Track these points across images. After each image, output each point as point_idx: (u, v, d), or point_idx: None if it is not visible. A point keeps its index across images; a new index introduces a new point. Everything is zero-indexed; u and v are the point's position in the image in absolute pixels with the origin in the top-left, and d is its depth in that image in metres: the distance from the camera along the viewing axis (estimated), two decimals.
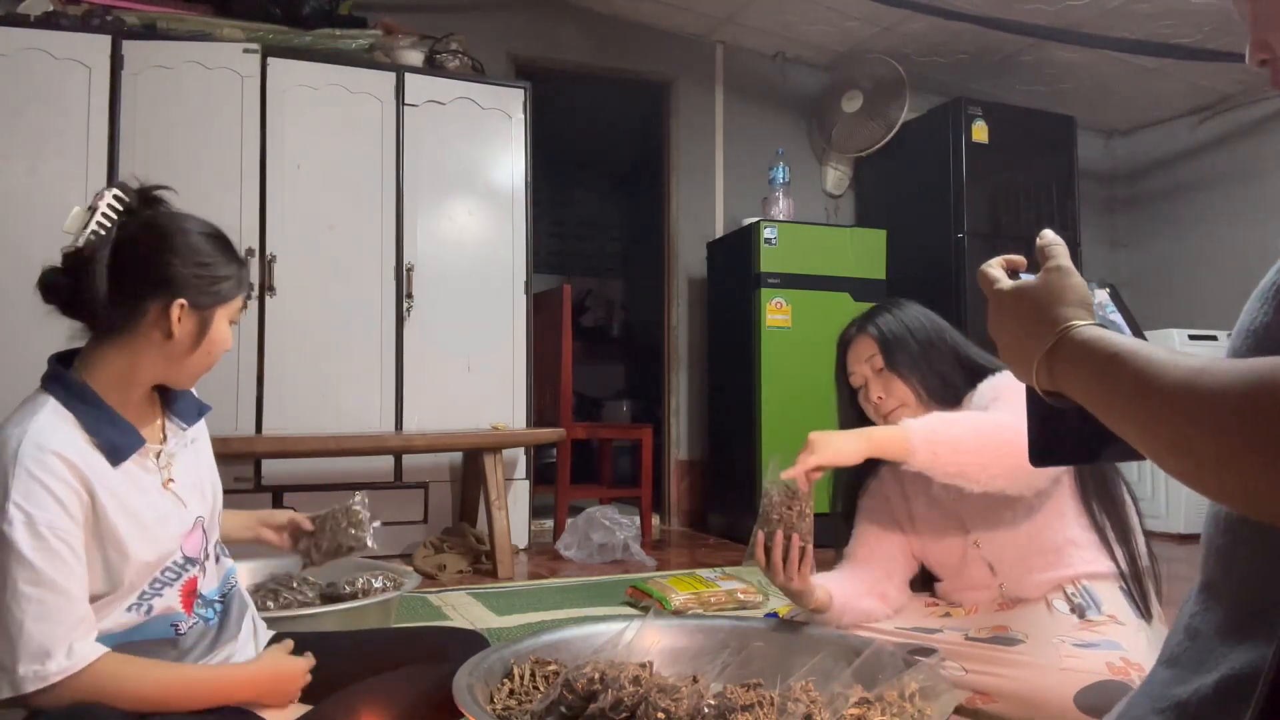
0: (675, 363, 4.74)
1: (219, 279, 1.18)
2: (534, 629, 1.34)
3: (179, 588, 1.16)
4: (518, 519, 3.74)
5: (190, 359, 1.18)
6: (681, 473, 4.71)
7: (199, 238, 1.19)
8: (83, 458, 1.08)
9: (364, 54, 3.71)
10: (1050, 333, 0.69)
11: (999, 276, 0.80)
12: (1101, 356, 0.63)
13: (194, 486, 1.23)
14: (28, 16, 3.28)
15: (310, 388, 3.40)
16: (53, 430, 1.07)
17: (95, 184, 3.23)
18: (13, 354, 3.08)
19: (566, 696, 1.02)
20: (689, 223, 4.75)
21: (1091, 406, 0.64)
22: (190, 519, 1.19)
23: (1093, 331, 0.67)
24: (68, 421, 1.10)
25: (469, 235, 3.77)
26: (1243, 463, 0.50)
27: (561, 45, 4.52)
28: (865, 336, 1.71)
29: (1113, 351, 0.62)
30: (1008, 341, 0.76)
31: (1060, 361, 0.67)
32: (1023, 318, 0.74)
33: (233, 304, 1.21)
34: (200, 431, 1.31)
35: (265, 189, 3.39)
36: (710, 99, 4.81)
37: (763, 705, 1.00)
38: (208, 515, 1.24)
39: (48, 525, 1.02)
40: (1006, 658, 1.45)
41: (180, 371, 1.19)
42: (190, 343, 1.16)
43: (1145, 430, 0.58)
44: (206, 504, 1.25)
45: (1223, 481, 0.52)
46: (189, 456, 1.25)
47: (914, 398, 1.65)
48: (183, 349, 1.16)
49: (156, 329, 1.14)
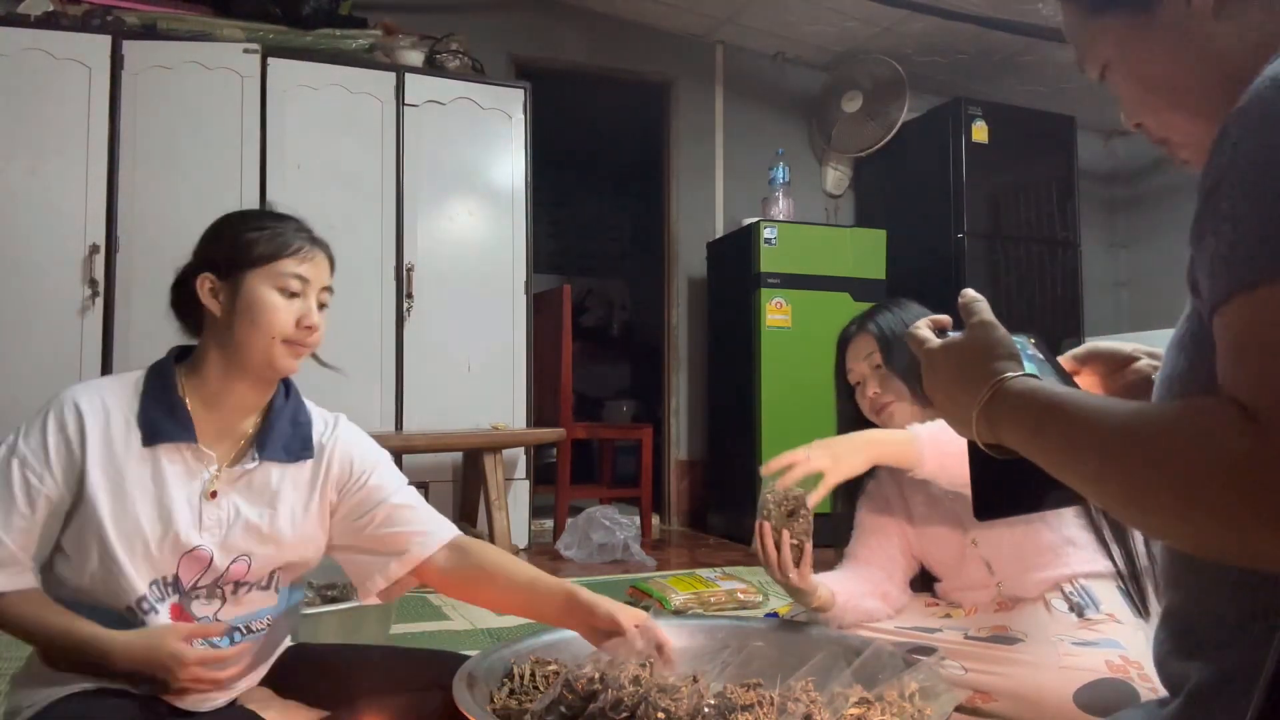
0: (675, 363, 4.74)
1: (243, 244, 1.13)
2: (534, 629, 1.34)
3: (167, 612, 1.11)
4: (518, 519, 3.74)
5: (237, 334, 1.13)
6: (681, 473, 4.71)
7: (235, 216, 1.18)
8: (106, 423, 1.09)
9: (364, 54, 3.71)
10: (984, 386, 0.71)
11: (928, 336, 0.82)
12: (1037, 406, 0.66)
13: (236, 521, 1.15)
14: (28, 16, 3.28)
15: (310, 388, 3.39)
16: (100, 391, 1.12)
17: (95, 184, 3.23)
18: (13, 353, 3.08)
19: (566, 696, 1.02)
20: (689, 223, 4.75)
21: (1031, 455, 0.66)
22: (195, 542, 1.12)
23: (1025, 382, 0.69)
24: (131, 391, 1.13)
25: (469, 235, 3.77)
26: (1162, 501, 0.53)
27: (561, 45, 4.52)
28: (865, 334, 1.72)
29: (1047, 401, 0.65)
30: (944, 398, 0.78)
31: (997, 414, 0.69)
32: (955, 374, 0.76)
33: (268, 268, 1.13)
34: (296, 475, 1.21)
35: (265, 189, 3.39)
36: (710, 99, 4.81)
37: (763, 705, 1.00)
38: (239, 558, 1.15)
39: (20, 458, 1.07)
40: (1006, 656, 1.45)
41: (238, 352, 1.14)
42: (229, 316, 1.14)
43: (1084, 477, 0.60)
44: (241, 548, 1.15)
45: (1152, 520, 0.56)
46: (258, 492, 1.17)
47: (909, 395, 1.66)
48: (225, 324, 1.14)
49: (205, 313, 1.16)
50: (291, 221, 1.20)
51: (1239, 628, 0.61)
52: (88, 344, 3.17)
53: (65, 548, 1.09)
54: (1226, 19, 0.68)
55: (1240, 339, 0.53)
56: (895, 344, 1.68)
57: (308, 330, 1.16)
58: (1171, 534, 0.57)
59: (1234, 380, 0.53)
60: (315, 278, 1.18)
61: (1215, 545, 0.52)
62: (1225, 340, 0.55)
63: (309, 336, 1.17)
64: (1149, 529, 0.58)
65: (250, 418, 1.21)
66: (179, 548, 1.11)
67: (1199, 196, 0.59)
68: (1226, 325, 0.54)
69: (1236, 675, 0.60)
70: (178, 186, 3.28)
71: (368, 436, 1.33)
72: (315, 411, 1.29)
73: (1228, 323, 0.54)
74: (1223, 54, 0.68)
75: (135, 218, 3.25)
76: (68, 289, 3.17)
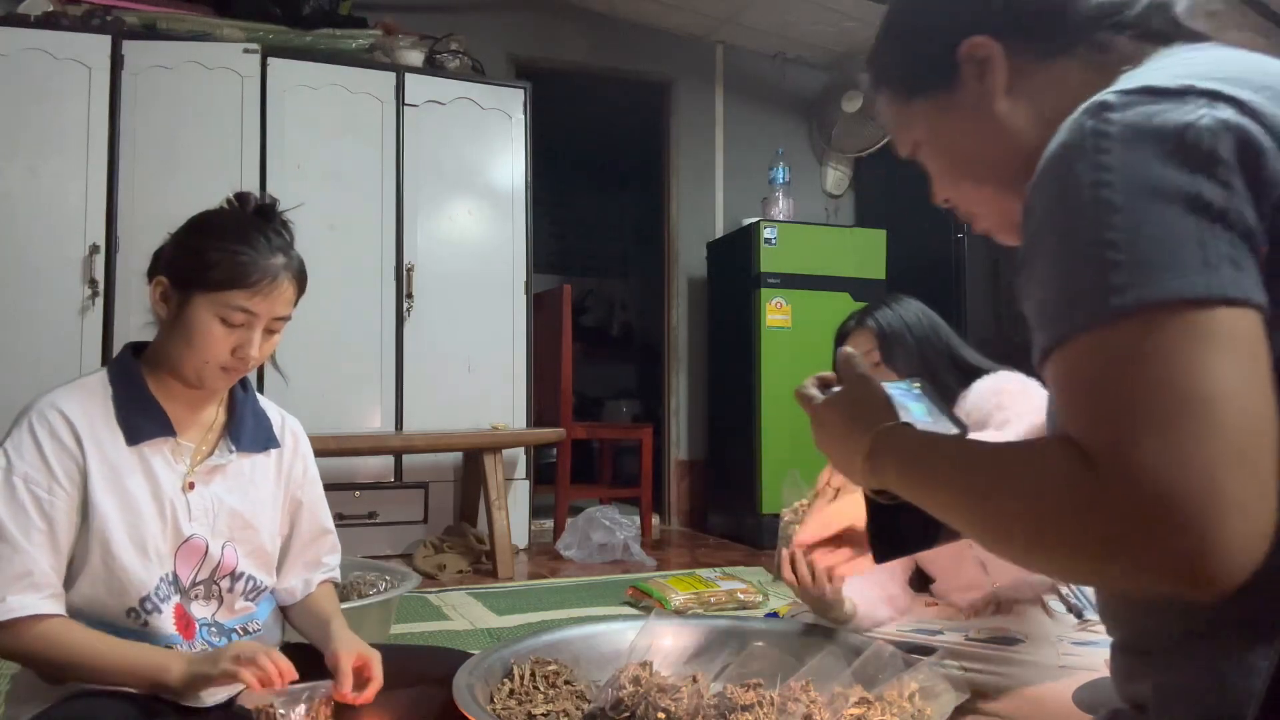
0: (675, 363, 4.74)
1: (202, 262, 1.09)
2: (534, 629, 1.34)
3: (171, 611, 1.12)
4: (518, 519, 3.74)
5: (173, 346, 1.12)
6: (681, 473, 4.71)
7: (210, 223, 1.15)
8: (91, 425, 1.09)
9: (364, 54, 3.71)
10: (865, 438, 0.75)
11: (814, 394, 0.87)
12: (911, 454, 0.71)
13: (220, 509, 1.17)
14: (28, 16, 3.28)
15: (310, 387, 3.40)
16: (74, 396, 1.11)
17: (95, 184, 3.23)
18: (13, 353, 3.08)
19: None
20: (689, 223, 4.75)
21: (912, 498, 0.71)
22: (188, 532, 1.15)
23: (901, 431, 0.74)
24: (100, 394, 1.13)
25: (469, 235, 3.77)
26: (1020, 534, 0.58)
27: (561, 45, 4.52)
28: (864, 330, 1.71)
29: (920, 448, 0.71)
30: (832, 452, 0.83)
31: (878, 463, 0.74)
32: (839, 428, 0.81)
33: (217, 295, 1.09)
34: (264, 466, 1.25)
35: (265, 189, 3.39)
36: (710, 99, 4.81)
37: (763, 705, 1.00)
38: (226, 544, 1.18)
39: (22, 476, 1.04)
40: (1005, 656, 1.45)
41: (170, 361, 1.13)
42: (171, 327, 1.13)
43: (955, 515, 0.65)
44: (227, 534, 1.18)
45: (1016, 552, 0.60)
46: (233, 481, 1.20)
47: None
48: (166, 332, 1.14)
49: (159, 311, 1.15)
50: (270, 240, 1.14)
51: (1185, 641, 0.63)
52: (88, 344, 3.17)
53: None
54: (1017, 96, 0.74)
55: (1063, 387, 0.58)
56: (895, 341, 1.67)
57: (241, 360, 1.13)
58: (1035, 565, 0.62)
59: (1066, 422, 0.58)
60: (266, 311, 1.12)
61: (1071, 574, 0.58)
62: (1054, 389, 0.60)
63: (243, 365, 1.14)
64: (1014, 560, 0.62)
65: (213, 405, 1.22)
66: (177, 538, 1.13)
67: (1018, 265, 0.64)
68: (1052, 377, 0.59)
69: (1187, 688, 0.62)
70: (178, 186, 3.28)
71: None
72: (267, 404, 1.31)
73: (1052, 374, 0.59)
74: (1018, 130, 0.74)
75: (135, 218, 3.26)
76: (68, 289, 3.17)
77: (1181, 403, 0.51)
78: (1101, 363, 0.55)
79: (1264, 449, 0.52)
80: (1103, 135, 0.58)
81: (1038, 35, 0.74)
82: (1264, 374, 0.54)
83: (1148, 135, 0.57)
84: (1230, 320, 0.53)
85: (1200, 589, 0.50)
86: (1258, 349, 0.54)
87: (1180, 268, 0.53)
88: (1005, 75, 0.74)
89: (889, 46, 0.84)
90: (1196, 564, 0.50)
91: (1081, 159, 0.58)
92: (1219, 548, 0.49)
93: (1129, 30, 0.72)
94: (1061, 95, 0.71)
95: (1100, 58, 0.72)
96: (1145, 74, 0.63)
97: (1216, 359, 0.52)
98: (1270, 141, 0.56)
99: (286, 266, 1.15)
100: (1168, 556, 0.50)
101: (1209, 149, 0.56)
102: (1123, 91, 0.60)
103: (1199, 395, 0.51)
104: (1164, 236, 0.54)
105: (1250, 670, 0.57)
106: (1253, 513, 0.50)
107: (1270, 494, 0.51)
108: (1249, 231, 0.55)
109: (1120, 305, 0.54)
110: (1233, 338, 0.53)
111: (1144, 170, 0.56)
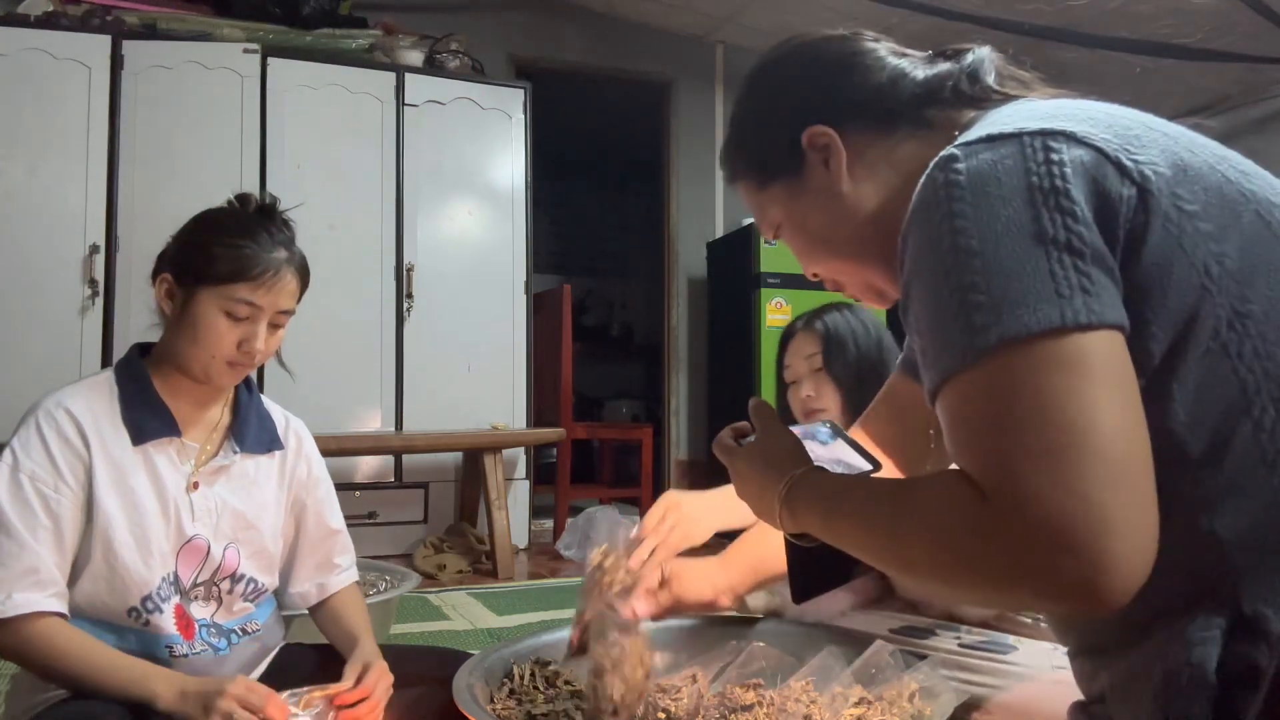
0: (675, 363, 4.74)
1: (206, 256, 1.10)
2: (534, 629, 1.34)
3: (171, 611, 1.12)
4: (518, 519, 3.74)
5: (179, 343, 1.13)
6: (681, 473, 4.71)
7: (214, 219, 1.16)
8: (97, 424, 1.09)
9: (364, 54, 3.71)
10: (778, 485, 0.79)
11: (730, 444, 0.91)
12: (823, 496, 0.75)
13: (224, 510, 1.18)
14: (28, 16, 3.28)
15: (310, 387, 3.39)
16: (81, 394, 1.11)
17: (95, 184, 3.23)
18: (13, 353, 3.08)
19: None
20: (689, 223, 4.75)
21: (827, 538, 0.75)
22: (191, 532, 1.14)
23: (812, 477, 0.78)
24: (107, 393, 1.13)
25: (469, 235, 3.77)
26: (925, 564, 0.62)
27: (561, 45, 4.53)
28: (810, 333, 1.68)
29: (831, 490, 0.75)
30: (752, 499, 0.86)
31: (794, 507, 0.78)
32: (756, 477, 0.84)
33: (222, 289, 1.10)
34: (268, 467, 1.24)
35: (265, 189, 3.38)
36: (710, 99, 4.81)
37: (763, 705, 1.00)
38: (229, 545, 1.18)
39: (29, 474, 1.05)
40: (999, 667, 1.44)
41: (178, 358, 1.14)
42: (177, 323, 1.13)
43: (865, 550, 0.69)
44: (230, 535, 1.18)
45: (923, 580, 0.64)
46: (237, 482, 1.20)
47: (841, 405, 1.63)
48: (172, 329, 1.14)
49: (165, 308, 1.15)
50: (273, 236, 1.15)
51: (1129, 632, 0.65)
52: (88, 344, 3.17)
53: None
54: (860, 174, 0.80)
55: (949, 423, 0.61)
56: (837, 349, 1.64)
57: (247, 354, 1.14)
58: (942, 593, 0.70)
59: (956, 456, 0.61)
60: (270, 305, 1.13)
61: (976, 599, 0.63)
62: (943, 425, 0.62)
63: (249, 359, 1.15)
64: (924, 588, 0.67)
65: (218, 406, 1.22)
66: (180, 538, 1.13)
67: (901, 314, 0.68)
68: (941, 414, 0.62)
69: (1138, 671, 0.64)
70: (178, 186, 3.28)
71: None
72: (271, 405, 1.31)
73: (940, 414, 0.62)
74: (866, 205, 0.80)
75: (135, 218, 3.26)
76: (68, 289, 3.17)
77: (1055, 431, 0.54)
78: (978, 400, 0.58)
79: (1139, 466, 0.55)
80: (953, 185, 0.62)
81: (870, 118, 0.80)
82: (1129, 392, 0.57)
83: (993, 179, 0.61)
84: (1088, 344, 0.56)
85: (1097, 606, 0.53)
86: (1120, 368, 0.57)
87: (1035, 301, 0.56)
88: (846, 157, 0.80)
89: (739, 140, 0.90)
90: (1090, 584, 0.52)
91: (937, 209, 0.62)
92: (1109, 567, 0.52)
93: (950, 102, 0.79)
94: (900, 167, 0.78)
95: (930, 130, 0.78)
96: (981, 127, 0.67)
97: (1081, 385, 0.55)
98: (1106, 165, 0.60)
99: (289, 260, 1.16)
100: (1063, 580, 0.53)
101: (1050, 183, 0.59)
102: (965, 144, 0.64)
103: (1070, 422, 0.54)
104: (1017, 272, 0.57)
105: (1189, 643, 0.60)
106: (1136, 528, 0.53)
107: (1150, 506, 0.54)
108: (1098, 254, 0.58)
109: (984, 345, 0.57)
110: (1093, 361, 0.56)
111: (993, 213, 0.59)
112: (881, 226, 0.76)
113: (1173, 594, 0.56)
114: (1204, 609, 0.59)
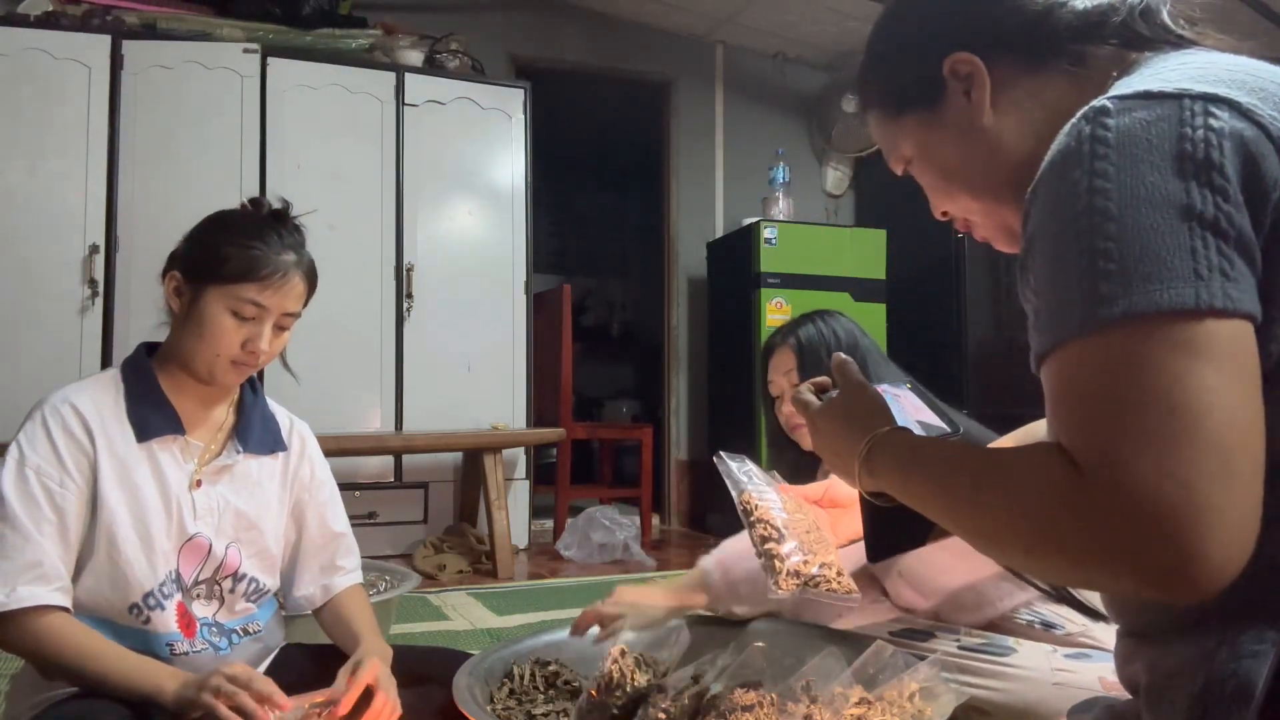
0: (675, 363, 4.74)
1: (216, 256, 1.12)
2: (534, 629, 1.34)
3: (173, 609, 1.12)
4: (518, 519, 3.74)
5: (185, 340, 1.14)
6: (681, 473, 4.71)
7: (226, 220, 1.17)
8: (103, 420, 1.10)
9: (364, 54, 3.71)
10: (860, 442, 0.78)
11: (810, 400, 0.90)
12: (905, 457, 0.74)
13: (226, 509, 1.18)
14: (28, 16, 3.28)
15: (310, 387, 3.39)
16: (87, 391, 1.13)
17: (95, 184, 3.23)
18: (13, 353, 3.08)
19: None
20: (689, 223, 4.75)
21: (906, 500, 0.73)
22: (193, 530, 1.15)
23: (895, 436, 0.77)
24: (112, 390, 1.14)
25: (469, 235, 3.77)
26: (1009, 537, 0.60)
27: (561, 45, 4.52)
28: (786, 349, 1.68)
29: (913, 452, 0.74)
30: (830, 455, 0.85)
31: (874, 466, 0.77)
32: (836, 433, 0.84)
33: (229, 288, 1.11)
34: (270, 468, 1.25)
35: (265, 189, 3.39)
36: (710, 99, 4.81)
37: (763, 705, 1.00)
38: (230, 544, 1.19)
39: (35, 468, 1.06)
40: (998, 670, 1.44)
41: (183, 355, 1.15)
42: (184, 321, 1.14)
43: (946, 515, 0.67)
44: (231, 535, 1.19)
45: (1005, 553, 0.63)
46: (240, 482, 1.21)
47: None
48: (179, 326, 1.15)
49: (172, 305, 1.16)
50: (283, 238, 1.16)
51: (1178, 627, 0.64)
52: (88, 344, 3.17)
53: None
54: (1003, 110, 0.75)
55: (1054, 393, 0.59)
56: (813, 362, 1.62)
57: (251, 354, 1.14)
58: (1022, 565, 0.65)
59: (1056, 429, 0.59)
60: (276, 306, 1.14)
61: (1058, 576, 0.62)
62: (1046, 394, 0.60)
63: (253, 359, 1.15)
64: (1003, 560, 0.65)
65: (223, 405, 1.23)
66: (181, 536, 1.14)
67: (1018, 269, 0.66)
68: (1045, 383, 0.60)
69: (1178, 669, 0.63)
70: (178, 186, 3.28)
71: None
72: (276, 407, 1.32)
73: (1045, 381, 0.60)
74: (1007, 143, 0.76)
75: (135, 218, 3.26)
76: (68, 289, 3.17)
77: (1168, 414, 0.52)
78: (1090, 372, 0.56)
79: (1248, 460, 0.52)
80: (1099, 141, 0.58)
81: (1020, 49, 0.74)
82: (1251, 384, 0.54)
83: (1143, 141, 0.57)
84: (1219, 331, 0.53)
85: (1183, 594, 0.52)
86: (1246, 359, 0.54)
87: (1170, 279, 0.54)
88: (990, 89, 0.75)
89: (874, 66, 0.87)
90: (1180, 572, 0.51)
91: (1078, 165, 0.58)
92: (1202, 558, 0.50)
93: (1114, 39, 0.73)
94: (1048, 106, 0.73)
95: (1085, 69, 0.73)
96: (1140, 79, 0.63)
97: (1204, 370, 0.53)
98: (1268, 145, 0.56)
99: (298, 264, 1.17)
100: (1152, 565, 0.52)
101: (1205, 155, 0.55)
102: (1120, 97, 0.59)
103: (1185, 407, 0.52)
104: (1155, 246, 0.54)
105: (1238, 654, 0.58)
106: (1236, 523, 0.51)
107: (1254, 503, 0.52)
108: (1243, 239, 0.55)
109: (1108, 315, 0.55)
110: (1220, 348, 0.53)
111: (1139, 178, 0.56)
112: (1022, 167, 0.70)
113: (1230, 597, 0.54)
114: (1261, 620, 0.58)
